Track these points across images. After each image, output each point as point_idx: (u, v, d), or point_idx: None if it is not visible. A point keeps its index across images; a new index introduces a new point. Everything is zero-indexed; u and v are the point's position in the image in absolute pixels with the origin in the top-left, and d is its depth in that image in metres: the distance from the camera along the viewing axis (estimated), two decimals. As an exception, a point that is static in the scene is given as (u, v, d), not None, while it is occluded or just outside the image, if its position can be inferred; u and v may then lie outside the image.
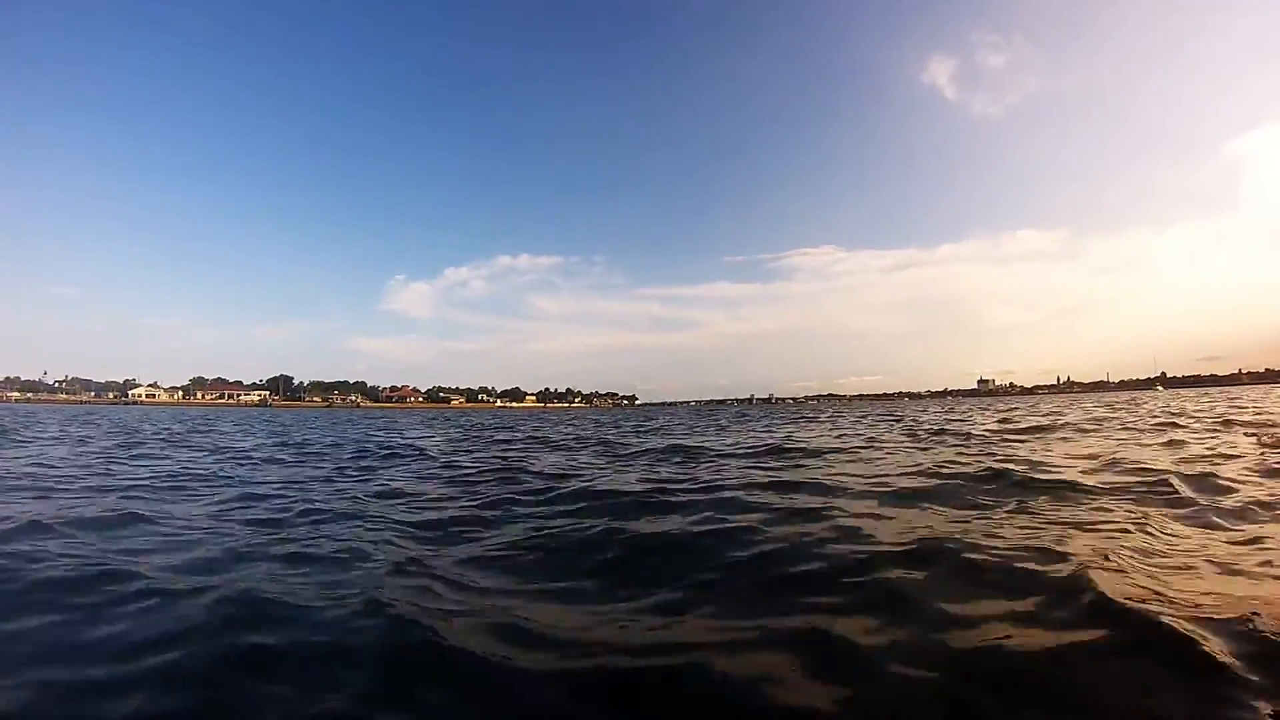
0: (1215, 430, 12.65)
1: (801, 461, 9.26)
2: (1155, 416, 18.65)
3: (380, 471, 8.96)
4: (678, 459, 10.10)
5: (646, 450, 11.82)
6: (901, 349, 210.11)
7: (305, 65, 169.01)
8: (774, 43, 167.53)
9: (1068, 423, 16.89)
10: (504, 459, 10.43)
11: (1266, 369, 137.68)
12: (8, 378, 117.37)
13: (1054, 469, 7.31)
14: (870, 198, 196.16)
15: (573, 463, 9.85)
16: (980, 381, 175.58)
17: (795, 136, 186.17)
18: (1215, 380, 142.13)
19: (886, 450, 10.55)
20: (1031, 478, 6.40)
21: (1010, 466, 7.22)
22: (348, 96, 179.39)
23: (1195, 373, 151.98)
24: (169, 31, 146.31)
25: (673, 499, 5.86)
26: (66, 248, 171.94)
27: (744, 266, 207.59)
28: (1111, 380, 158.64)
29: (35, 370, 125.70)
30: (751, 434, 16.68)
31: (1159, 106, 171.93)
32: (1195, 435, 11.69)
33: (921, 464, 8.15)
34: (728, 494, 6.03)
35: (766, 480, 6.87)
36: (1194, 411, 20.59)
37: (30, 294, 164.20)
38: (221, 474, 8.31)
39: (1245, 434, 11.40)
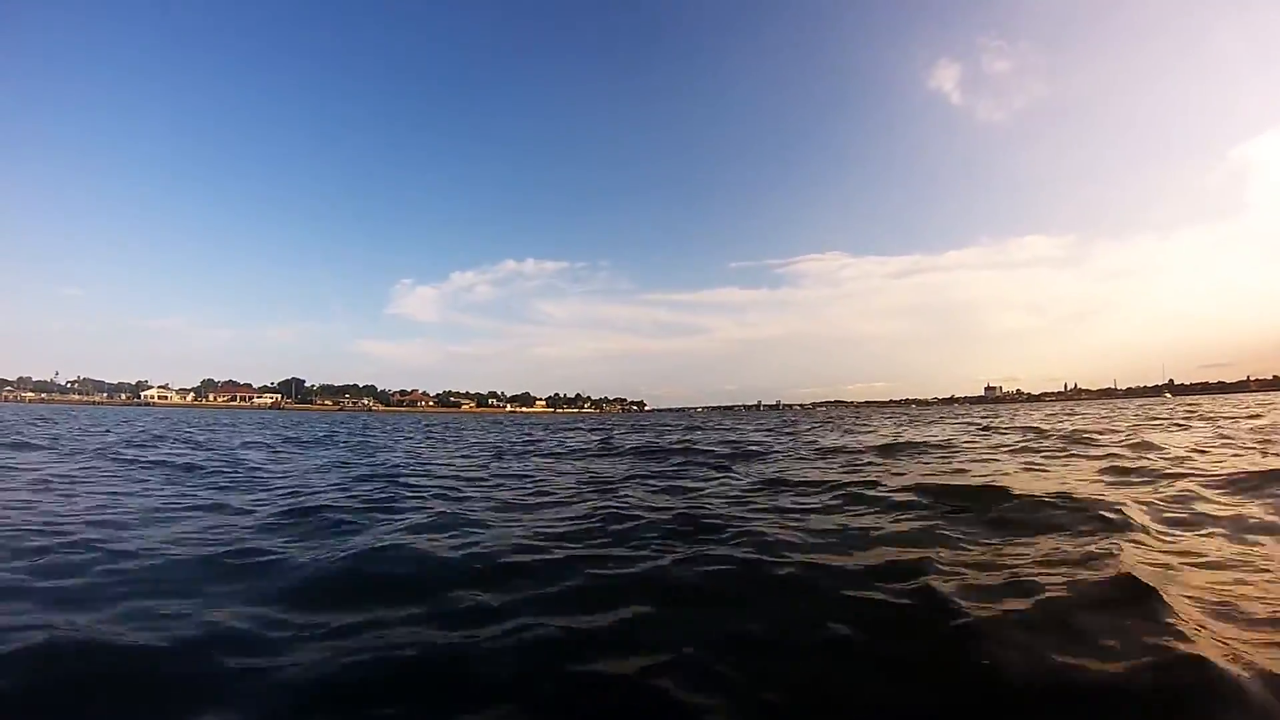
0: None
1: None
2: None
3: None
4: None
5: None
6: (908, 355, 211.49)
7: (314, 69, 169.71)
8: (780, 49, 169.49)
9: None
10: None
11: (1274, 376, 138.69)
12: (20, 378, 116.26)
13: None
14: (876, 204, 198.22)
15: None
16: (988, 388, 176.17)
17: (801, 142, 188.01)
18: (1224, 388, 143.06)
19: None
20: None
21: None
22: (354, 101, 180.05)
23: (1202, 380, 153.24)
24: (176, 33, 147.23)
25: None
26: (72, 249, 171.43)
27: (750, 272, 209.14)
28: (1119, 387, 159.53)
29: (46, 370, 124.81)
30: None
31: (1164, 112, 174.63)
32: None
33: None
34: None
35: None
36: None
37: (37, 295, 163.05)
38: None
39: None
